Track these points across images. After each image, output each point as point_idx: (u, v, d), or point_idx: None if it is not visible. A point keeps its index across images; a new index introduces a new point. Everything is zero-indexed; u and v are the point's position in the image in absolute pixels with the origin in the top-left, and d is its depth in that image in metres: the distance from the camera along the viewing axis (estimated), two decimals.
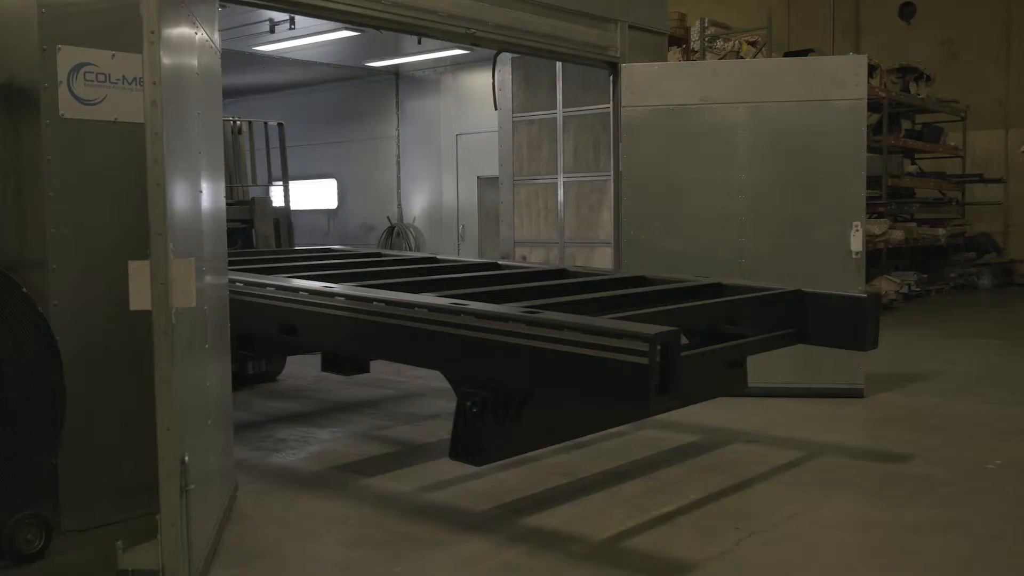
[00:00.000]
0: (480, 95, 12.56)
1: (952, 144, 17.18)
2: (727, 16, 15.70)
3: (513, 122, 10.36)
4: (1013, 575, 4.25)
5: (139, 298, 3.46)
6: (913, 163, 17.15)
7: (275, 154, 10.48)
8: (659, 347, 3.74)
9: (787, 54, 14.28)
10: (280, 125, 10.17)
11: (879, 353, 5.54)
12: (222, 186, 5.26)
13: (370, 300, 5.04)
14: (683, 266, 7.04)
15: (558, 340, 4.03)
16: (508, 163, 10.41)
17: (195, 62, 4.42)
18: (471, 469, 5.24)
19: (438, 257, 8.04)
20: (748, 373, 5.32)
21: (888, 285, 14.42)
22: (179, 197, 3.77)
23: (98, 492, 4.75)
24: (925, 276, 15.99)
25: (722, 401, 6.12)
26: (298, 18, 10.26)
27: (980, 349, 10.48)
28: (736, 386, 5.23)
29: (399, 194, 15.74)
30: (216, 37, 5.09)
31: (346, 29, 10.81)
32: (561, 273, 6.64)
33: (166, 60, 3.59)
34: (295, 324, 5.46)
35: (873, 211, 13.94)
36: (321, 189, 16.65)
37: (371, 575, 4.31)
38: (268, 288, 5.68)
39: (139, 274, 3.45)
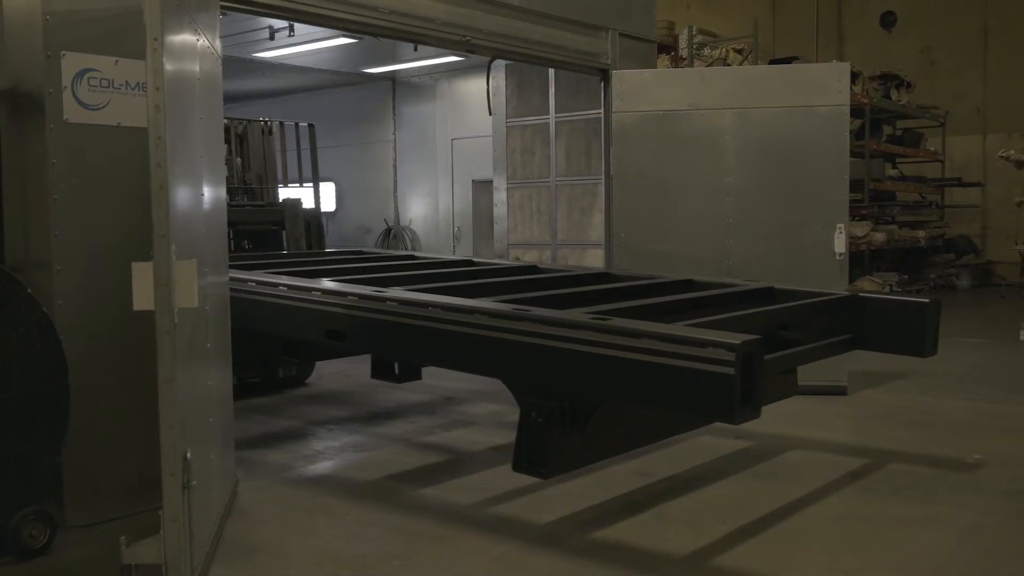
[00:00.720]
0: (475, 101, 12.56)
1: (932, 149, 17.23)
2: (714, 24, 15.72)
3: (507, 127, 10.36)
4: (992, 566, 4.25)
5: (142, 298, 3.43)
6: (894, 167, 17.19)
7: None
8: (743, 356, 3.53)
9: (772, 61, 14.29)
10: (310, 126, 9.67)
11: (861, 351, 5.52)
12: (223, 189, 5.23)
13: (425, 305, 4.71)
14: (672, 267, 7.02)
15: (634, 349, 3.78)
16: (502, 167, 10.41)
17: (197, 68, 4.39)
18: (516, 477, 4.75)
19: (475, 260, 7.68)
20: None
21: (870, 285, 14.43)
22: (181, 200, 3.75)
23: (101, 488, 4.73)
24: (906, 277, 16.02)
25: None
26: (297, 25, 10.25)
27: (961, 348, 10.49)
28: (790, 390, 4.89)
29: (396, 197, 15.73)
30: (217, 44, 5.06)
31: (344, 36, 10.80)
32: (605, 277, 6.34)
33: (169, 66, 3.56)
34: (343, 330, 5.12)
35: (856, 214, 13.96)
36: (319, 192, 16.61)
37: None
38: (314, 292, 5.32)
39: (142, 275, 3.43)
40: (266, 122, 9.09)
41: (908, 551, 4.39)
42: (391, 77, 15.25)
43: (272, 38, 11.30)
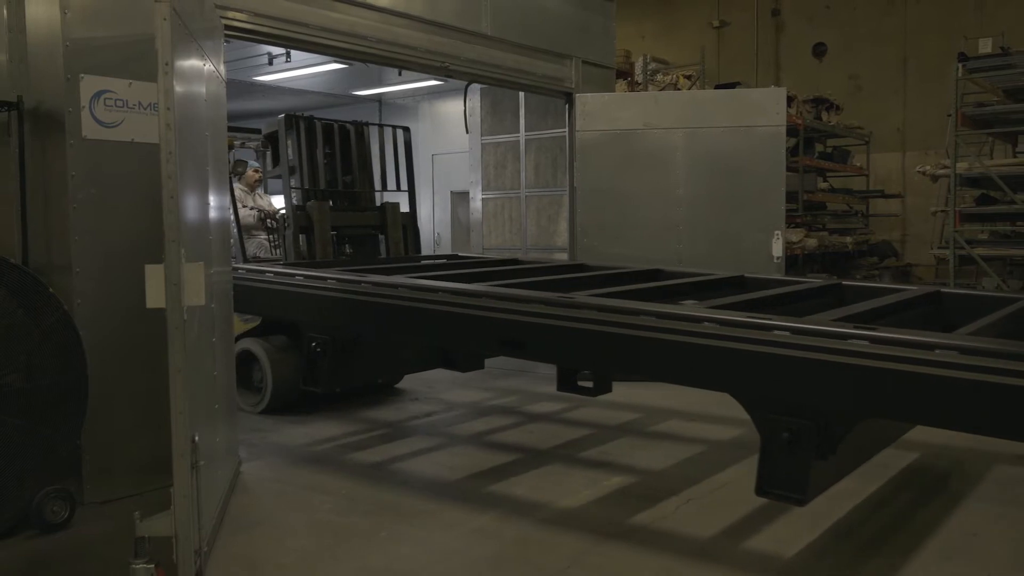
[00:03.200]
0: (453, 120, 12.53)
1: (858, 165, 17.41)
2: (666, 53, 15.84)
3: (482, 144, 10.36)
4: (898, 534, 4.32)
5: (154, 297, 3.41)
6: (825, 180, 17.33)
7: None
8: None
9: (718, 86, 14.40)
10: (405, 129, 8.45)
11: None
12: (227, 197, 5.22)
13: (636, 312, 3.89)
14: None
15: (930, 363, 3.06)
16: (478, 179, 10.41)
17: (203, 90, 4.37)
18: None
19: (587, 264, 6.74)
20: None
21: None
22: (190, 208, 3.73)
23: (117, 469, 4.70)
24: (835, 277, 16.14)
25: (658, 386, 5.79)
26: (293, 52, 10.19)
27: None
28: None
29: None
30: (222, 68, 5.04)
31: (336, 62, 10.76)
32: (740, 281, 5.58)
33: (178, 88, 3.55)
34: (523, 339, 4.31)
35: (791, 222, 14.05)
36: None
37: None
38: (484, 299, 4.49)
39: (154, 276, 3.41)
40: (360, 124, 8.06)
41: (834, 518, 4.44)
42: (378, 99, 15.19)
43: (271, 63, 11.24)
